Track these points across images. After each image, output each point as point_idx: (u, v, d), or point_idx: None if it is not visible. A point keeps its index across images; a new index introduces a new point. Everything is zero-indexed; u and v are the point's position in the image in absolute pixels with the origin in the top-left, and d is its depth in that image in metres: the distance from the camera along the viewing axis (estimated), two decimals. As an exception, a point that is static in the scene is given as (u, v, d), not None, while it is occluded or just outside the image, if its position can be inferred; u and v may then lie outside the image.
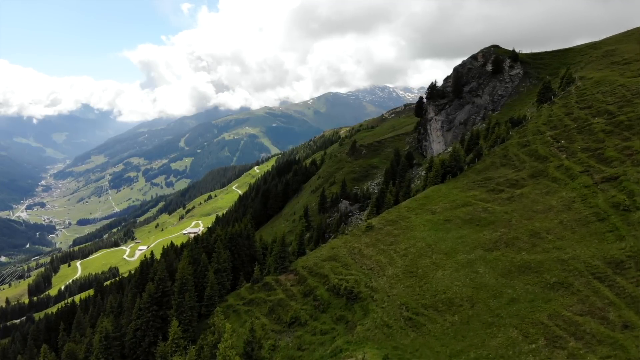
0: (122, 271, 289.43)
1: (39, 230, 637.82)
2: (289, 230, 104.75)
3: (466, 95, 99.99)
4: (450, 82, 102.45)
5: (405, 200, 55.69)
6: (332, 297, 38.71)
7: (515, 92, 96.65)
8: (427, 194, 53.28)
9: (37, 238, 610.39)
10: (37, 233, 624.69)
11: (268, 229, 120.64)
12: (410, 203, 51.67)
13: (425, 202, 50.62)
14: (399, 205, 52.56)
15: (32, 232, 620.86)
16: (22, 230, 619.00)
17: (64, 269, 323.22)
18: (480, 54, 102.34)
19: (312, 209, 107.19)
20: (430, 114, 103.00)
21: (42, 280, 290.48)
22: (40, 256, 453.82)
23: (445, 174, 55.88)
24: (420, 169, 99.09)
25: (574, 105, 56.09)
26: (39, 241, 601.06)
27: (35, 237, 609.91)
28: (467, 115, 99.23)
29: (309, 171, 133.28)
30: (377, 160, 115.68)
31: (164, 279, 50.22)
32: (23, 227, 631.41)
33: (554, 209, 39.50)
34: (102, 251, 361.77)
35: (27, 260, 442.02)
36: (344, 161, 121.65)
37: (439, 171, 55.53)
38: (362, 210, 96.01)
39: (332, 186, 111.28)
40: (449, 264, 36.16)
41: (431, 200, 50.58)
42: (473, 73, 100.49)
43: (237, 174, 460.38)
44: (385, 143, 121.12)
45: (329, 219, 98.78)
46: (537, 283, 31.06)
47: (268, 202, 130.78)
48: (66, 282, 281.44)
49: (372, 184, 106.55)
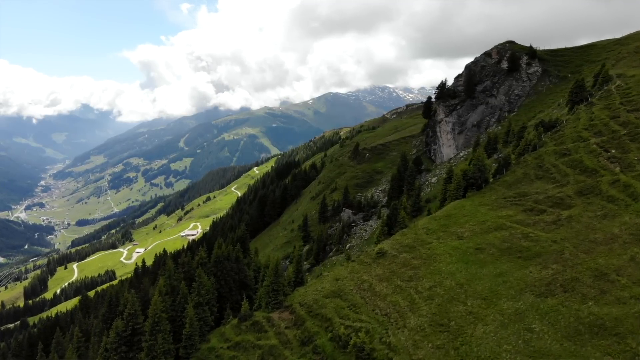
0: (119, 274, 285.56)
1: (37, 231, 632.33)
2: (286, 241, 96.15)
3: (479, 95, 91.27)
4: (461, 81, 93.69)
5: (421, 218, 46.98)
6: (337, 352, 30.03)
7: (533, 92, 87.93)
8: (448, 211, 44.52)
9: (36, 239, 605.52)
10: (35, 234, 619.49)
11: (265, 238, 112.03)
12: (429, 223, 42.89)
13: (448, 222, 41.86)
14: (416, 225, 43.78)
15: (30, 233, 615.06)
16: (20, 231, 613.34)
17: (60, 271, 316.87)
18: (495, 51, 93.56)
19: (312, 217, 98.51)
20: (440, 115, 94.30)
21: (38, 283, 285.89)
22: (38, 257, 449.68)
23: (467, 187, 47.14)
24: (429, 175, 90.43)
25: (619, 107, 47.32)
26: (37, 242, 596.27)
27: (33, 237, 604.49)
28: (481, 117, 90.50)
29: (309, 176, 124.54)
30: (381, 164, 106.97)
31: (134, 315, 41.52)
32: (22, 228, 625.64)
33: (618, 239, 30.76)
34: (99, 253, 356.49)
35: (24, 262, 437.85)
36: (346, 165, 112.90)
37: (460, 183, 46.77)
38: (367, 220, 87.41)
39: (333, 193, 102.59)
40: (490, 315, 27.42)
41: (454, 220, 41.81)
42: (487, 71, 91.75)
43: (236, 174, 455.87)
44: (390, 146, 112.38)
45: (330, 229, 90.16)
46: (620, 353, 22.35)
47: (265, 208, 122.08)
48: (62, 285, 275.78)
49: (377, 190, 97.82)
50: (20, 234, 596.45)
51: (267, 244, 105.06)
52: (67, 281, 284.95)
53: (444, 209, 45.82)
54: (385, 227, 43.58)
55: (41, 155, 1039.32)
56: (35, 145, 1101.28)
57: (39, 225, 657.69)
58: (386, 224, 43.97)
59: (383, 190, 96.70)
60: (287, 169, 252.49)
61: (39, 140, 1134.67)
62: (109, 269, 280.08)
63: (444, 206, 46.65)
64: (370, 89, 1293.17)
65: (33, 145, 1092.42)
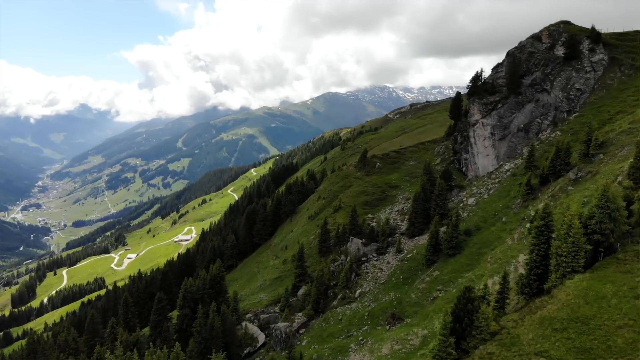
0: (108, 282, 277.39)
1: (33, 232, 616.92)
2: (276, 277, 73.83)
3: (526, 90, 68.95)
4: (502, 72, 71.32)
5: (507, 316, 24.59)
6: None
7: (600, 86, 65.65)
8: (567, 301, 22.36)
9: (31, 240, 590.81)
10: (31, 235, 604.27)
11: (252, 265, 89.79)
12: (539, 329, 20.70)
13: (577, 329, 19.64)
14: (515, 337, 21.49)
15: (26, 235, 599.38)
16: (15, 232, 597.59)
17: (50, 277, 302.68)
18: (546, 33, 71.11)
19: (310, 245, 76.26)
20: (475, 116, 71.97)
21: (25, 290, 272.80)
22: (31, 260, 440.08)
23: (595, 250, 24.98)
24: (463, 193, 68.06)
25: None
26: (33, 243, 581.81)
27: (29, 239, 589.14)
28: (530, 118, 68.22)
29: (307, 188, 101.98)
30: (396, 177, 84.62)
31: None
32: (17, 229, 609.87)
33: None
34: (91, 258, 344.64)
35: (18, 265, 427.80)
36: (352, 177, 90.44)
37: (579, 242, 24.57)
38: (381, 254, 65.18)
39: (336, 213, 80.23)
40: None
41: (588, 324, 19.57)
42: (536, 59, 69.40)
43: (233, 176, 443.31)
44: (406, 154, 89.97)
45: (334, 264, 67.89)
46: None
47: (254, 226, 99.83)
48: (50, 293, 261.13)
49: (393, 211, 75.42)
50: (16, 235, 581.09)
51: (254, 276, 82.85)
52: (56, 288, 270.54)
53: (559, 295, 23.43)
54: (449, 336, 21.14)
55: (39, 156, 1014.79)
56: (33, 145, 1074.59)
57: (35, 226, 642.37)
58: (450, 328, 21.62)
59: (400, 212, 74.37)
60: (284, 172, 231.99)
61: (36, 140, 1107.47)
62: (99, 276, 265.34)
63: (553, 291, 24.25)
64: (370, 89, 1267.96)
65: (31, 146, 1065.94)
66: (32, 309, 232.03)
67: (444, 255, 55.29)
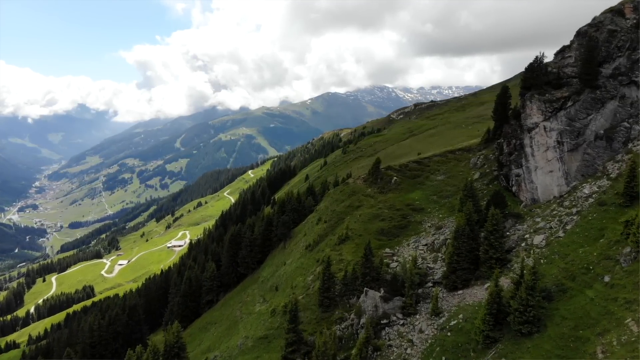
0: (97, 290, 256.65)
1: (29, 234, 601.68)
2: (262, 335, 53.19)
3: (607, 83, 48.58)
4: (571, 57, 50.89)
5: None
6: None
7: None
8: None
9: (27, 242, 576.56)
10: (27, 237, 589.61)
11: (234, 304, 69.40)
12: None
13: None
14: None
15: (21, 236, 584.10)
16: (11, 234, 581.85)
17: (39, 283, 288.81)
18: (630, 6, 50.75)
19: (308, 290, 55.79)
20: (532, 118, 51.57)
21: (13, 298, 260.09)
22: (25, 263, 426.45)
23: None
24: (523, 227, 47.46)
25: None
26: (28, 245, 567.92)
27: (24, 241, 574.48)
28: (613, 122, 47.88)
29: (304, 206, 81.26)
30: (419, 195, 63.99)
31: None
32: (12, 231, 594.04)
33: None
34: (81, 264, 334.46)
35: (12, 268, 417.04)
36: (361, 194, 69.76)
37: None
38: (409, 315, 44.68)
39: (342, 245, 59.70)
40: None
41: None
42: (618, 41, 48.99)
43: (230, 178, 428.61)
44: (431, 165, 69.26)
45: (341, 326, 47.49)
46: None
47: (239, 252, 79.51)
48: (37, 301, 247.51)
49: (420, 245, 54.85)
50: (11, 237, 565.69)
51: (235, 324, 62.38)
52: (44, 296, 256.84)
53: None
54: None
55: (37, 156, 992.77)
56: (31, 145, 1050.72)
57: (31, 227, 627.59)
58: None
59: (431, 247, 53.84)
60: (282, 177, 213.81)
61: (34, 140, 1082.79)
62: (88, 283, 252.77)
63: None
64: (369, 89, 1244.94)
65: (29, 146, 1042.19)
66: (18, 318, 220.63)
67: (514, 332, 34.93)
